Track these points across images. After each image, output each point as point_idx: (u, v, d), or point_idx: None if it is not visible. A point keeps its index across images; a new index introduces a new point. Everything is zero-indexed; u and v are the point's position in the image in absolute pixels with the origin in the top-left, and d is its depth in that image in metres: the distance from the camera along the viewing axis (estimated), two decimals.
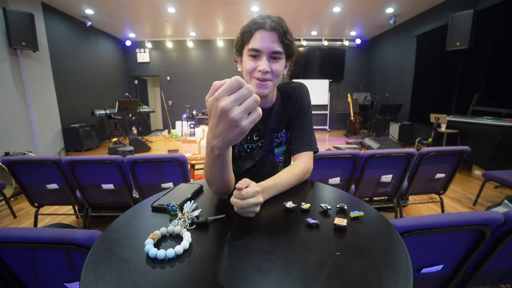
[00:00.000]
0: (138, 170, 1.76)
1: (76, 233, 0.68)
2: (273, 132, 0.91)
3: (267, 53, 0.75)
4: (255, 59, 0.76)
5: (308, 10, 5.38)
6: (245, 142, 0.94)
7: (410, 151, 1.79)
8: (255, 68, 0.76)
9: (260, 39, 0.74)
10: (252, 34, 0.75)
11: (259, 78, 0.76)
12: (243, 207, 0.55)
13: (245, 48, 0.79)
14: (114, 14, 5.50)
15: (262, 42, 0.74)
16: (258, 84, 0.77)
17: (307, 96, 0.91)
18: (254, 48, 0.75)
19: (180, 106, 7.92)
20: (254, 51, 0.75)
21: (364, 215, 0.58)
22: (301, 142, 0.86)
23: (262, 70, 0.74)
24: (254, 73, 0.77)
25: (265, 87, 0.78)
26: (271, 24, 0.73)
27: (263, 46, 0.74)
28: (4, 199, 2.43)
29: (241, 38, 0.79)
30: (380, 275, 0.39)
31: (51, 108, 4.80)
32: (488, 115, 3.67)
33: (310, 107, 0.91)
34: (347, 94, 7.48)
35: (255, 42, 0.74)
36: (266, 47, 0.74)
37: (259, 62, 0.76)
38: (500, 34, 3.69)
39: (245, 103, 0.44)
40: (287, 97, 0.92)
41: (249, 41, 0.76)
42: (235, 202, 0.56)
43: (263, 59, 0.75)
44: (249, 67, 0.77)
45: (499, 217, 0.76)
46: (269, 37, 0.74)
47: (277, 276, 0.39)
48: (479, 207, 2.51)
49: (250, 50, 0.76)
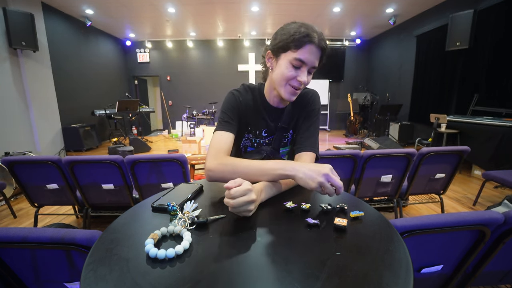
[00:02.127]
0: (138, 170, 1.76)
1: (76, 233, 0.68)
2: (283, 132, 0.94)
3: (310, 67, 0.78)
4: (296, 68, 0.78)
5: (308, 10, 5.38)
6: (253, 136, 0.95)
7: (410, 151, 1.79)
8: (295, 77, 0.79)
9: (310, 53, 0.76)
10: (302, 45, 0.76)
11: (295, 87, 0.80)
12: (235, 207, 0.55)
13: (288, 54, 0.78)
14: (114, 14, 5.50)
15: (310, 56, 0.76)
16: (292, 91, 0.81)
17: (317, 103, 0.94)
18: (301, 60, 0.76)
19: (180, 106, 7.92)
20: (300, 62, 0.77)
21: (364, 215, 0.58)
22: (305, 142, 0.88)
23: (304, 82, 0.78)
24: (293, 82, 0.80)
25: (296, 94, 0.83)
26: (320, 42, 0.76)
27: (309, 60, 0.77)
28: (4, 199, 2.43)
29: (286, 42, 0.77)
30: (380, 275, 0.39)
31: (51, 108, 4.80)
32: (488, 115, 3.66)
33: (319, 114, 0.93)
34: (347, 94, 7.48)
35: (304, 54, 0.76)
36: (311, 62, 0.77)
37: (299, 72, 0.78)
38: (500, 34, 3.69)
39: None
40: (300, 100, 0.94)
41: (297, 50, 0.76)
42: (227, 202, 0.57)
43: (304, 72, 0.78)
44: (290, 74, 0.79)
45: (499, 217, 0.76)
46: (316, 53, 0.77)
47: (277, 276, 0.39)
48: (479, 207, 2.51)
49: (297, 60, 0.77)
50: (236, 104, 0.89)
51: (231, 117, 0.87)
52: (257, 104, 0.93)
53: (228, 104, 0.89)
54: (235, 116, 0.88)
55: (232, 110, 0.88)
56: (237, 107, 0.89)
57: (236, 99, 0.90)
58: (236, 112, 0.89)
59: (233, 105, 0.89)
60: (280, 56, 0.80)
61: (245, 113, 0.91)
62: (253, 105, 0.92)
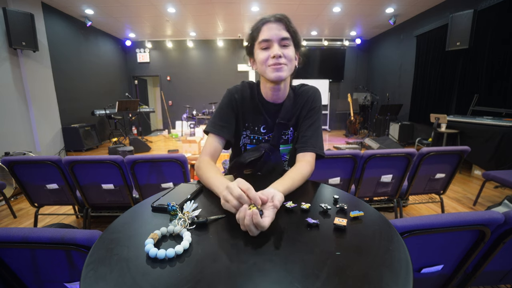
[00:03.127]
0: (138, 170, 1.76)
1: (76, 233, 0.68)
2: (282, 128, 0.93)
3: (277, 41, 0.80)
4: (266, 49, 0.81)
5: (308, 10, 5.38)
6: (252, 132, 0.95)
7: (410, 151, 1.79)
8: (268, 57, 0.81)
9: (268, 29, 0.80)
10: (260, 29, 0.81)
11: (273, 64, 0.81)
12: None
13: (255, 45, 0.83)
14: (114, 14, 5.50)
15: (270, 31, 0.80)
16: (273, 69, 0.81)
17: (318, 100, 0.93)
18: (264, 39, 0.80)
19: (180, 106, 7.92)
20: (265, 42, 0.80)
21: (364, 215, 0.58)
22: (307, 142, 0.87)
23: (276, 55, 0.79)
24: (268, 61, 0.81)
25: (281, 70, 0.81)
26: (275, 17, 0.80)
27: (272, 35, 0.79)
28: (4, 199, 2.43)
29: (251, 37, 0.84)
30: (380, 275, 0.39)
31: (51, 108, 4.79)
32: (488, 115, 3.66)
33: (320, 111, 0.93)
34: (347, 94, 7.48)
35: (264, 33, 0.80)
36: (275, 35, 0.80)
37: (270, 50, 0.80)
38: (500, 34, 3.69)
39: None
40: (299, 96, 0.94)
41: (258, 35, 0.81)
42: (251, 230, 0.50)
43: (274, 47, 0.80)
44: (262, 57, 0.82)
45: (499, 217, 0.76)
46: (276, 26, 0.80)
47: (277, 276, 0.39)
48: (479, 207, 2.51)
49: (261, 42, 0.81)
50: (231, 102, 0.91)
51: (223, 118, 0.90)
52: (254, 100, 0.93)
53: (222, 103, 0.92)
54: (230, 114, 0.91)
55: (226, 109, 0.91)
56: (231, 105, 0.91)
57: (231, 96, 0.92)
58: (231, 110, 0.91)
59: (227, 103, 0.91)
60: (254, 53, 0.85)
61: (241, 109, 0.92)
62: (251, 101, 0.93)
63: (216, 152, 0.87)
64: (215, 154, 0.87)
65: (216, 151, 0.87)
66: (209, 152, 0.85)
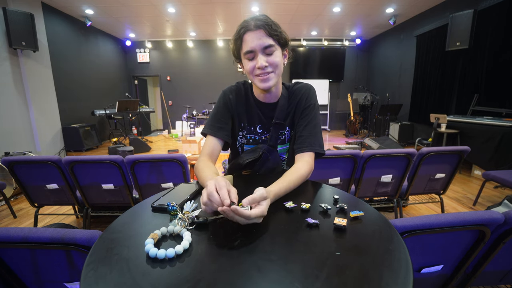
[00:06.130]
0: (138, 170, 1.76)
1: (76, 233, 0.68)
2: (278, 129, 0.93)
3: (260, 50, 0.80)
4: (252, 60, 0.82)
5: (308, 10, 5.38)
6: (248, 132, 0.95)
7: (410, 151, 1.79)
8: (254, 67, 0.81)
9: (250, 40, 0.79)
10: (242, 39, 0.81)
11: (259, 74, 0.82)
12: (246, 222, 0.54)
13: (241, 54, 0.84)
14: (114, 14, 5.50)
15: (253, 42, 0.79)
16: (260, 79, 0.83)
17: (313, 97, 0.92)
18: (247, 51, 0.81)
19: (180, 106, 7.92)
20: (249, 53, 0.81)
21: (364, 215, 0.58)
22: (304, 142, 0.86)
23: (260, 66, 0.80)
24: (255, 71, 0.82)
25: (267, 80, 0.82)
26: (255, 23, 0.79)
27: (254, 46, 0.79)
28: (4, 199, 2.43)
29: (235, 46, 0.85)
30: (380, 275, 0.39)
31: (51, 108, 4.79)
32: (488, 115, 3.66)
33: (316, 109, 0.91)
34: (347, 94, 7.48)
35: (247, 44, 0.80)
36: (257, 45, 0.79)
37: (255, 60, 0.81)
38: (500, 34, 3.69)
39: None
40: (293, 95, 0.93)
41: (242, 45, 0.82)
42: (241, 221, 0.52)
43: (258, 56, 0.80)
44: (248, 68, 0.83)
45: (499, 217, 0.76)
46: (256, 35, 0.79)
47: (277, 276, 0.39)
48: (479, 207, 2.51)
49: (245, 54, 0.82)
50: (226, 103, 0.92)
51: (220, 119, 0.91)
52: (249, 100, 0.94)
53: (218, 105, 0.94)
54: (226, 115, 0.92)
55: (222, 110, 0.92)
56: (226, 105, 0.92)
57: (226, 97, 0.93)
58: (227, 111, 0.92)
59: (223, 104, 0.92)
60: (242, 60, 0.87)
61: (236, 109, 0.93)
62: (245, 101, 0.94)
63: (214, 153, 0.87)
64: (214, 155, 0.87)
65: (214, 151, 0.88)
66: (207, 153, 0.86)
